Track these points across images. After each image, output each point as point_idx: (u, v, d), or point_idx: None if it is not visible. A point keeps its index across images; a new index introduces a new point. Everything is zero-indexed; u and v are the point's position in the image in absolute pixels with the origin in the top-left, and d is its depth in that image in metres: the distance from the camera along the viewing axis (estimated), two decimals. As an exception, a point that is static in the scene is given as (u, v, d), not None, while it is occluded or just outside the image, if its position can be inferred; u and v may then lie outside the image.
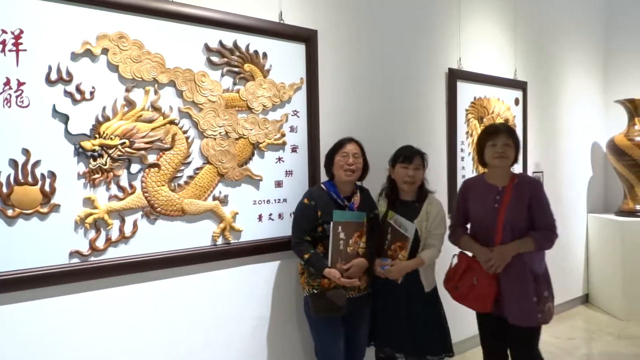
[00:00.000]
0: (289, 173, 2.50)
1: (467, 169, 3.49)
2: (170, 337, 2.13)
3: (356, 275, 2.21)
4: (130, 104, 2.01)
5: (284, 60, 2.47)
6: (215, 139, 2.24)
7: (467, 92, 3.48)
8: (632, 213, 4.27)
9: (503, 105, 3.75)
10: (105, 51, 1.96)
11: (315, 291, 2.22)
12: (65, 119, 1.87)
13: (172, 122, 2.12)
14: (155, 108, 2.08)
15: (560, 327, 3.97)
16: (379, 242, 2.36)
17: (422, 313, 2.33)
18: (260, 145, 2.39)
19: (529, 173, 3.98)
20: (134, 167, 2.03)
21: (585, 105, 4.63)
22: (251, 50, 2.35)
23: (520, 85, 3.88)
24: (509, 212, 2.24)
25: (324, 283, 2.22)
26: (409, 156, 2.38)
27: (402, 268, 2.28)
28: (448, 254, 2.47)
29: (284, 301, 2.49)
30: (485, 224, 2.30)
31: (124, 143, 1.99)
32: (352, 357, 2.32)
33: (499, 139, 2.28)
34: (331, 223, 2.17)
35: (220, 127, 2.25)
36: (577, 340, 3.69)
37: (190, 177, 2.18)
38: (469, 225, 2.47)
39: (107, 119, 1.96)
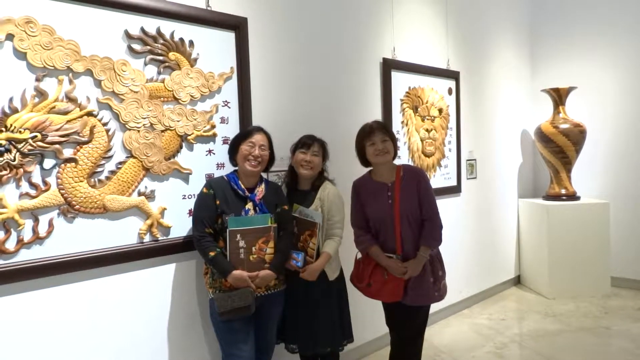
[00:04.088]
0: (220, 166, 2.47)
1: (403, 157, 3.59)
2: (95, 341, 2.06)
3: (261, 286, 2.17)
4: (41, 94, 1.90)
5: (213, 49, 2.43)
6: (139, 131, 2.17)
7: (401, 82, 3.57)
8: (557, 197, 4.58)
9: (437, 94, 3.88)
10: (10, 37, 1.84)
11: (220, 291, 2.13)
12: (-36, 111, 1.74)
13: (90, 114, 2.03)
14: (70, 99, 1.98)
15: (493, 309, 4.21)
16: (290, 240, 2.33)
17: (322, 302, 2.39)
18: (189, 137, 2.34)
19: (463, 160, 4.17)
20: (48, 163, 1.93)
21: (515, 94, 4.90)
22: (176, 38, 2.29)
23: (453, 75, 4.04)
24: (403, 205, 2.39)
25: (227, 283, 2.13)
26: (308, 142, 2.45)
27: (313, 271, 2.33)
28: (350, 240, 2.58)
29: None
30: (383, 221, 2.44)
31: (36, 137, 1.88)
32: (260, 357, 2.27)
33: (375, 136, 2.41)
34: (227, 231, 2.09)
35: (144, 118, 2.19)
36: (508, 321, 3.93)
37: (112, 172, 2.10)
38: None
39: (15, 110, 1.84)
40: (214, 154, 2.45)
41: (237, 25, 2.51)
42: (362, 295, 2.50)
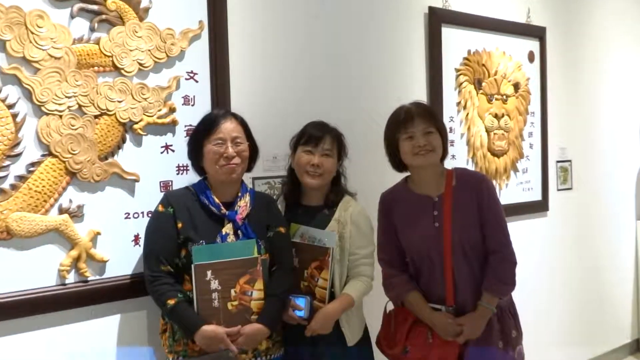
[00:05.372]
0: (182, 169, 2.50)
1: (459, 157, 3.61)
2: None
3: (247, 349, 2.17)
4: None
5: (172, -6, 2.47)
6: (61, 116, 2.19)
7: (457, 44, 3.59)
8: (697, 219, 4.55)
9: (511, 62, 3.89)
10: None
11: (185, 358, 2.14)
12: None
13: (-12, 91, 2.07)
14: (-41, 69, 2.02)
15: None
16: (288, 278, 2.33)
17: None
18: (136, 126, 2.37)
19: (551, 162, 4.17)
20: None
21: (633, 61, 4.88)
22: (118, -22, 2.33)
23: (537, 33, 4.05)
24: (457, 230, 2.38)
25: (195, 347, 2.12)
26: (316, 136, 2.45)
27: (326, 318, 2.33)
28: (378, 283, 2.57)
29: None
30: (427, 254, 2.43)
31: None
32: None
33: (414, 126, 2.38)
34: (192, 267, 2.10)
35: (70, 97, 2.21)
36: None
37: (21, 178, 2.12)
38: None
39: None
40: (172, 151, 2.47)
41: (208, -42, 2.56)
42: (396, 366, 2.51)
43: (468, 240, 2.39)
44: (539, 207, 4.10)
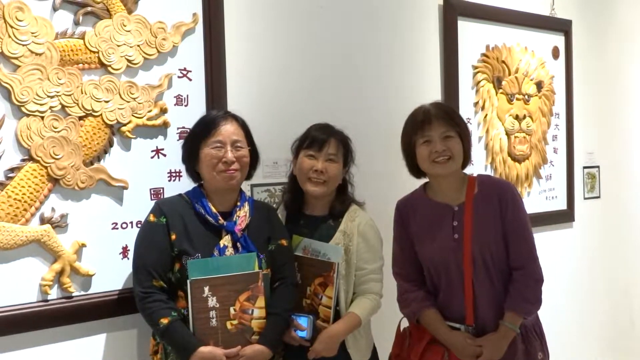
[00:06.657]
0: (174, 175, 2.51)
1: (477, 163, 3.60)
2: None
3: None
4: None
5: (164, -15, 2.48)
6: (42, 118, 2.20)
7: (475, 38, 3.60)
8: None
9: (534, 58, 3.90)
10: None
11: None
12: None
13: (-36, 90, 2.08)
14: None
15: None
16: (292, 295, 2.34)
17: None
18: (124, 128, 2.37)
19: (577, 168, 4.16)
20: None
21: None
22: (105, -33, 2.35)
23: (562, 27, 4.05)
24: (478, 243, 2.38)
25: None
26: (320, 139, 2.44)
27: (331, 339, 2.33)
28: (391, 299, 2.56)
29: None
30: (445, 269, 2.43)
31: None
32: None
33: (432, 129, 2.37)
34: (188, 283, 2.10)
35: (52, 97, 2.21)
36: None
37: (0, 185, 2.13)
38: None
39: None
40: (164, 155, 2.48)
41: (203, -54, 2.57)
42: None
43: (490, 253, 2.39)
44: (564, 217, 4.10)
